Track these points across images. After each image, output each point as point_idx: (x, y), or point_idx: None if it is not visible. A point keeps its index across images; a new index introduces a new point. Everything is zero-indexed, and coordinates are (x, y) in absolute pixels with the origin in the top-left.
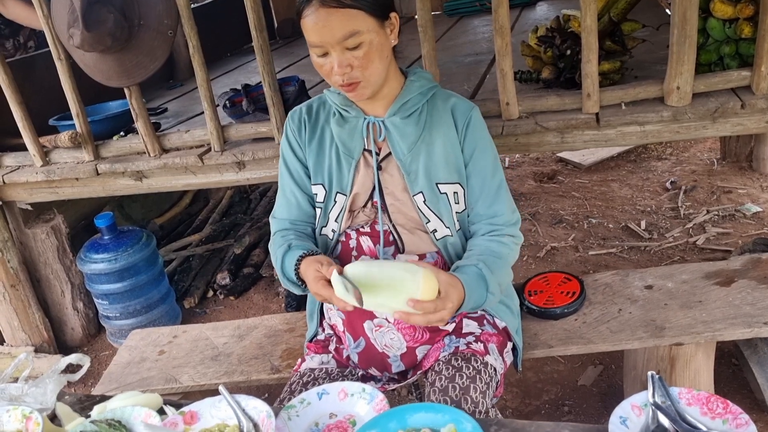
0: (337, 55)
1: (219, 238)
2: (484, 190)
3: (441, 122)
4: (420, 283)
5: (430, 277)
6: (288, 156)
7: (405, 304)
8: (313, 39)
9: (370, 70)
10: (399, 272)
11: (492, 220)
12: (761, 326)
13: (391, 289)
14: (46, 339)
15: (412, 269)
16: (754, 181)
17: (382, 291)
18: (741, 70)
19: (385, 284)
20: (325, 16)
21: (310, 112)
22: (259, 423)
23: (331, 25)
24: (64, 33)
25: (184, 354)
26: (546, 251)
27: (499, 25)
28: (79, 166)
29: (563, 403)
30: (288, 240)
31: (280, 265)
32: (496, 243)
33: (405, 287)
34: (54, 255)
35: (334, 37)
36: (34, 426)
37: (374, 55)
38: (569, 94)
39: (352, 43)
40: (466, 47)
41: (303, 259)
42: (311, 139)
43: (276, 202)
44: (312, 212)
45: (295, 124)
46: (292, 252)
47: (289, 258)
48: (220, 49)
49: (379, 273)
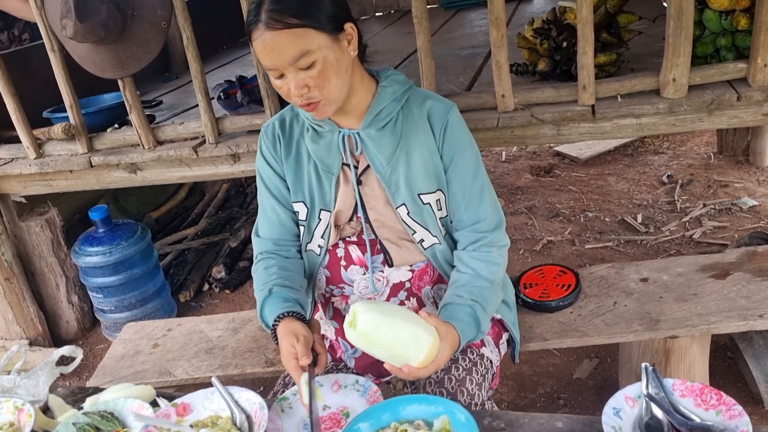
0: (292, 76)
1: (215, 231)
2: (465, 195)
3: (417, 129)
4: (422, 356)
5: (434, 348)
6: (265, 172)
7: (401, 364)
8: (265, 62)
9: (328, 89)
10: (406, 337)
11: (476, 226)
12: (756, 319)
13: (393, 351)
14: (41, 332)
15: (421, 341)
16: (751, 175)
17: (384, 349)
18: (737, 62)
19: (388, 344)
20: (272, 38)
21: (283, 127)
22: (251, 414)
23: (279, 47)
24: (57, 24)
25: (178, 347)
26: (542, 245)
27: (494, 17)
28: (72, 159)
29: (559, 396)
30: (271, 279)
31: (260, 309)
32: (485, 264)
33: (408, 355)
34: (48, 248)
35: (285, 59)
36: (26, 418)
37: (330, 72)
38: (565, 86)
39: (305, 63)
40: (462, 40)
41: (281, 321)
42: (287, 155)
43: (258, 219)
44: (296, 229)
45: (269, 140)
46: (273, 301)
47: (268, 307)
48: (215, 41)
49: (388, 332)
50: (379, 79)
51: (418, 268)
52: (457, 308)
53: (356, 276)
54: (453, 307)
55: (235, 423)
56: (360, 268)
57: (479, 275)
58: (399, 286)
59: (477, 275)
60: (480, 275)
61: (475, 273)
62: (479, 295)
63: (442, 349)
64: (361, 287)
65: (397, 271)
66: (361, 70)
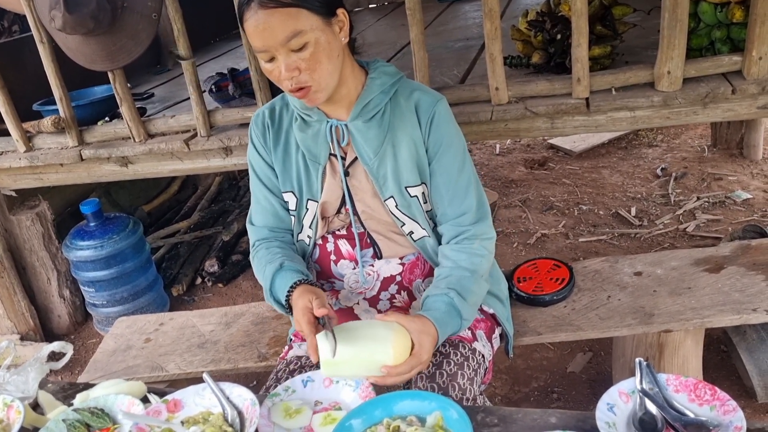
0: (283, 58)
1: (207, 225)
2: (450, 188)
3: (405, 122)
4: (390, 352)
5: (400, 339)
6: (256, 162)
7: (379, 371)
8: (256, 43)
9: (319, 72)
10: (367, 346)
11: (459, 220)
12: (750, 313)
13: (364, 365)
14: (33, 327)
15: (380, 337)
16: (745, 168)
17: (356, 367)
18: (732, 55)
19: (352, 357)
20: (265, 17)
21: (273, 116)
22: (243, 411)
23: (272, 26)
24: (46, 15)
25: (170, 342)
26: (536, 238)
27: (488, 9)
28: (63, 152)
29: (552, 390)
30: (277, 256)
31: (269, 284)
32: (466, 255)
33: (375, 357)
34: (39, 242)
35: (277, 39)
36: (15, 414)
37: (322, 55)
38: (559, 78)
39: (297, 44)
40: (456, 32)
41: (296, 287)
42: (276, 145)
43: (251, 208)
44: (288, 218)
45: (258, 129)
46: (285, 273)
47: (280, 279)
48: (207, 34)
49: (351, 352)
50: (369, 71)
51: (408, 261)
52: (433, 299)
53: (346, 270)
54: (430, 300)
55: (227, 419)
56: (350, 262)
57: (459, 266)
58: (390, 279)
59: (457, 266)
60: (460, 266)
61: (455, 264)
62: (457, 284)
63: (421, 342)
64: (351, 281)
65: (387, 264)
66: (352, 61)
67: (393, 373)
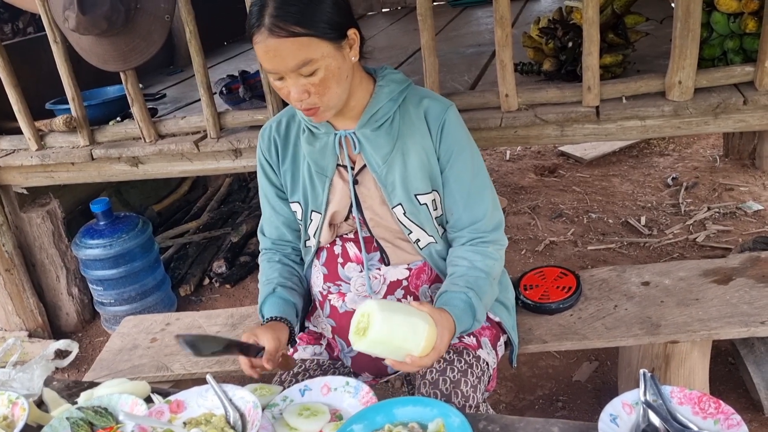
0: (293, 81)
1: (216, 226)
2: (463, 194)
3: (414, 129)
4: (423, 344)
5: (431, 333)
6: (261, 178)
7: (403, 357)
8: (266, 66)
9: (329, 96)
10: (404, 328)
11: (475, 226)
12: (758, 325)
13: (392, 349)
14: (41, 324)
15: (417, 328)
16: (756, 179)
17: (384, 349)
18: (744, 66)
19: (387, 345)
20: (275, 45)
21: (279, 129)
22: (245, 413)
23: (282, 54)
24: (60, 15)
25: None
26: (545, 245)
27: (499, 16)
28: (74, 151)
29: (557, 398)
30: (274, 276)
31: (260, 304)
32: (481, 256)
33: (407, 345)
34: (49, 240)
35: (287, 67)
36: (20, 411)
37: (331, 81)
38: (569, 86)
39: (307, 71)
40: (468, 38)
41: (273, 320)
42: (284, 158)
43: (262, 215)
44: (293, 230)
45: (265, 144)
46: (273, 300)
47: (268, 305)
48: (219, 36)
49: (386, 334)
50: (377, 78)
51: (415, 267)
52: (452, 295)
53: (353, 273)
54: (448, 295)
55: (229, 421)
56: (357, 265)
57: (475, 266)
58: (396, 284)
59: (473, 266)
60: (476, 266)
61: (472, 264)
62: (474, 284)
63: (441, 335)
64: (357, 285)
65: (394, 270)
66: (360, 72)
67: (416, 363)
